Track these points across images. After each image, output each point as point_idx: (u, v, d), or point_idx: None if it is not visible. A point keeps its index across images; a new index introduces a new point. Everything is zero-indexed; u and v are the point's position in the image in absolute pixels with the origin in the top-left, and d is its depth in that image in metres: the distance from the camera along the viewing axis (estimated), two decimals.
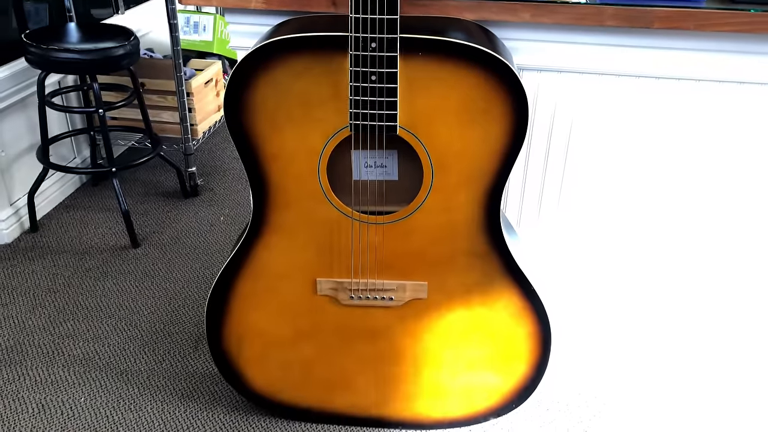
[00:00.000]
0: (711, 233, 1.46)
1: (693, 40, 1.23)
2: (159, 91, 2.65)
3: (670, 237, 1.48)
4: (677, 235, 1.47)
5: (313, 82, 1.18)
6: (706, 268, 1.50)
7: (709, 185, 1.40)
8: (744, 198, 1.40)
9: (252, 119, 1.21)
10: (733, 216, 1.43)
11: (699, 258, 1.49)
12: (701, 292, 1.53)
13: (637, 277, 1.54)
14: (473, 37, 1.18)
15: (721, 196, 1.41)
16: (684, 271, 1.51)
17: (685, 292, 1.54)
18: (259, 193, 1.29)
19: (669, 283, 1.53)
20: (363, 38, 1.11)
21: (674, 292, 1.54)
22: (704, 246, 1.47)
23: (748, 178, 1.38)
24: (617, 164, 1.41)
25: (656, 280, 1.54)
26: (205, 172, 2.83)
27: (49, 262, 2.21)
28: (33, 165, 2.40)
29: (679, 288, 1.54)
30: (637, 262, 1.52)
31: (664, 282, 1.53)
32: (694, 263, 1.50)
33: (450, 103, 1.17)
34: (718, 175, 1.39)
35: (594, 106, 1.35)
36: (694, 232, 1.46)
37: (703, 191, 1.41)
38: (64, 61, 2.07)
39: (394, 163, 1.35)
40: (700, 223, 1.45)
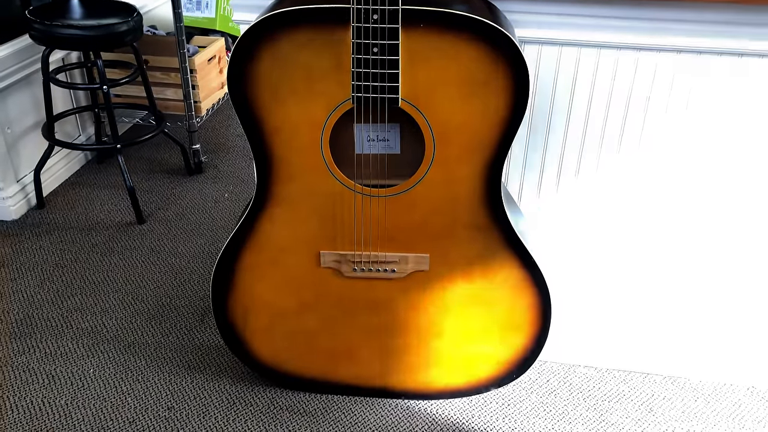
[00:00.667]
0: (710, 202, 1.47)
1: (693, 11, 1.22)
2: (162, 68, 2.65)
3: (671, 209, 1.49)
4: (678, 208, 1.48)
5: (315, 54, 1.18)
6: (707, 240, 1.51)
7: (708, 158, 1.41)
8: (744, 170, 1.41)
9: (255, 92, 1.22)
10: (734, 187, 1.44)
11: (700, 230, 1.50)
12: (702, 267, 1.55)
13: (639, 249, 1.55)
14: (475, 9, 1.18)
15: (719, 167, 1.42)
16: (687, 244, 1.52)
17: (687, 266, 1.55)
18: (262, 166, 1.31)
19: (671, 257, 1.55)
20: (365, 10, 1.12)
21: (676, 265, 1.56)
22: (703, 217, 1.48)
23: (748, 152, 1.39)
24: (618, 137, 1.41)
25: (659, 253, 1.55)
26: (209, 150, 2.84)
27: (56, 237, 2.24)
28: (38, 142, 2.42)
29: (681, 261, 1.55)
30: (640, 234, 1.53)
31: (667, 255, 1.55)
32: (695, 235, 1.51)
33: (451, 75, 1.18)
34: (717, 148, 1.39)
35: (595, 78, 1.36)
36: (694, 202, 1.47)
37: (702, 163, 1.42)
38: (67, 37, 2.07)
39: (396, 137, 1.36)
40: (699, 193, 1.46)
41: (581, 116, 1.40)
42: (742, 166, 1.41)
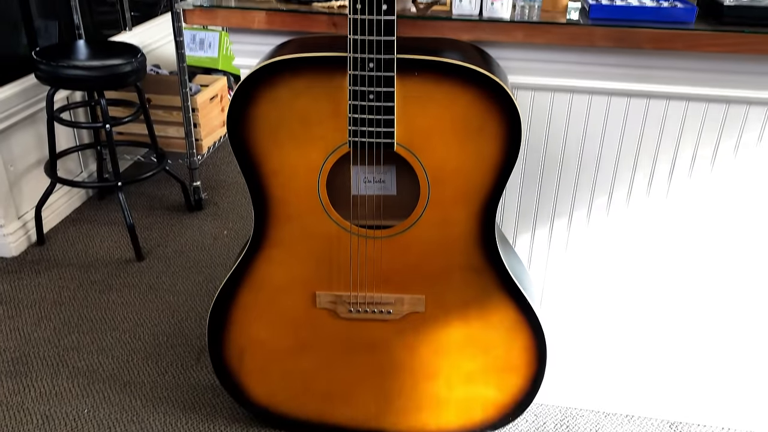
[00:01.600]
0: (705, 242, 1.48)
1: (683, 59, 1.26)
2: (165, 107, 2.70)
3: (668, 251, 1.50)
4: (676, 250, 1.49)
5: (313, 100, 1.21)
6: (704, 277, 1.52)
7: (702, 200, 1.43)
8: (739, 212, 1.43)
9: (254, 136, 1.25)
10: (729, 225, 1.45)
11: (698, 270, 1.51)
12: (700, 304, 1.55)
13: (637, 291, 1.56)
14: (468, 57, 1.21)
15: (715, 211, 1.43)
16: (682, 283, 1.53)
17: (684, 306, 1.56)
18: (260, 207, 1.33)
19: (666, 294, 1.55)
20: (361, 59, 1.15)
21: (672, 305, 1.56)
22: (701, 258, 1.49)
23: (742, 195, 1.40)
24: (610, 181, 1.43)
25: (653, 294, 1.56)
26: (209, 186, 2.87)
27: (55, 275, 2.25)
28: (41, 179, 2.44)
29: (677, 302, 1.55)
30: (632, 276, 1.54)
31: (661, 296, 1.55)
32: (694, 276, 1.52)
33: (446, 120, 1.20)
34: (712, 191, 1.41)
35: (587, 123, 1.38)
36: (688, 243, 1.48)
37: (697, 206, 1.43)
38: (72, 78, 2.12)
39: (392, 178, 1.38)
40: (695, 233, 1.47)
41: (574, 160, 1.43)
42: (739, 211, 1.42)
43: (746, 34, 1.16)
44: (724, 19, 1.20)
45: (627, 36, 1.21)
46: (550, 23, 1.24)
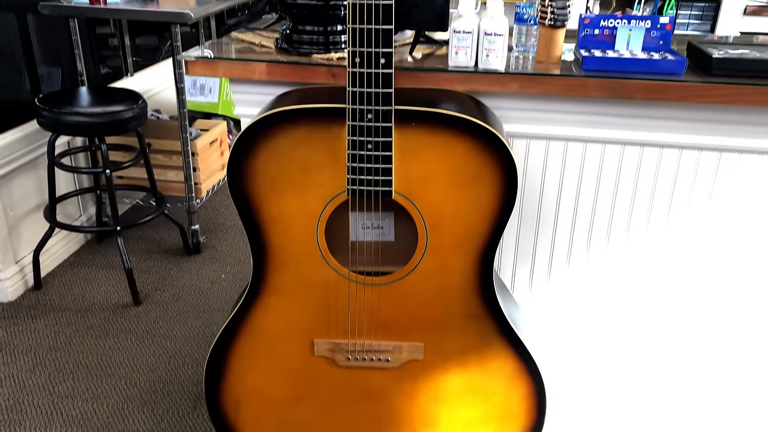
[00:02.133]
0: (702, 293, 1.48)
1: (675, 109, 1.28)
2: (165, 151, 2.72)
3: (662, 297, 1.50)
4: (669, 294, 1.50)
5: (312, 149, 1.23)
6: (702, 330, 1.52)
7: (698, 249, 1.44)
8: (731, 263, 1.44)
9: (254, 185, 1.26)
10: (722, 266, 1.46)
11: (693, 319, 1.51)
12: (697, 356, 1.55)
13: (630, 339, 1.56)
14: (464, 108, 1.23)
15: (710, 261, 1.44)
16: (680, 332, 1.53)
17: (680, 355, 1.55)
18: (258, 255, 1.33)
19: (664, 346, 1.55)
20: (360, 110, 1.17)
21: (669, 356, 1.56)
22: (697, 306, 1.50)
23: (735, 243, 1.42)
24: (607, 229, 1.45)
25: (650, 343, 1.55)
26: (207, 230, 2.88)
27: (51, 320, 2.24)
28: (40, 223, 2.45)
29: (674, 351, 1.55)
30: (630, 325, 1.54)
31: (659, 344, 1.55)
32: (688, 323, 1.52)
33: (443, 169, 1.22)
34: (707, 240, 1.42)
35: (582, 171, 1.40)
36: (685, 292, 1.49)
37: (692, 255, 1.44)
38: (74, 124, 2.15)
39: (390, 225, 1.39)
40: (690, 282, 1.48)
41: (570, 207, 1.44)
42: (730, 253, 1.43)
43: (735, 85, 1.19)
44: (713, 71, 1.23)
45: (620, 87, 1.24)
46: (544, 75, 1.27)
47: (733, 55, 1.24)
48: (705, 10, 3.41)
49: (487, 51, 1.30)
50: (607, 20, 1.36)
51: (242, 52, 1.44)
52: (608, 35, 1.36)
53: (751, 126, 1.28)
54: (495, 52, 1.29)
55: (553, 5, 1.28)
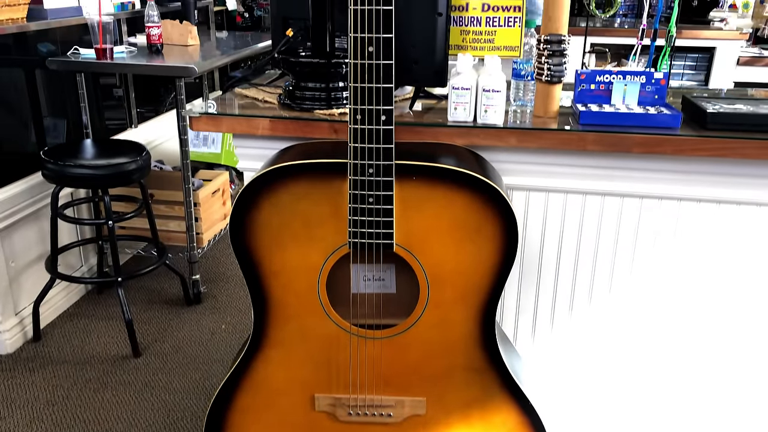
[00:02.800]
0: (704, 343, 1.47)
1: (671, 162, 1.30)
2: (167, 202, 2.74)
3: (665, 346, 1.49)
4: (672, 344, 1.49)
5: (314, 203, 1.24)
6: (703, 384, 1.50)
7: (698, 300, 1.43)
8: (733, 313, 1.43)
9: (256, 239, 1.27)
10: (724, 328, 1.45)
11: (694, 372, 1.50)
12: (698, 410, 1.53)
13: (634, 389, 1.54)
14: (464, 162, 1.25)
15: (712, 311, 1.44)
16: (681, 385, 1.51)
17: (683, 408, 1.53)
18: (260, 308, 1.33)
19: (668, 397, 1.53)
20: (361, 165, 1.19)
21: (672, 409, 1.54)
22: (702, 356, 1.49)
23: (737, 293, 1.42)
24: (607, 280, 1.45)
25: (654, 393, 1.53)
26: (208, 279, 2.87)
27: (49, 372, 2.21)
28: (41, 274, 2.45)
29: (677, 404, 1.53)
30: (634, 377, 1.52)
31: (662, 395, 1.53)
32: (689, 377, 1.50)
33: (443, 222, 1.23)
34: (706, 290, 1.42)
35: (582, 222, 1.41)
36: (687, 341, 1.48)
37: (694, 305, 1.44)
38: (78, 177, 2.17)
39: (391, 277, 1.39)
40: (692, 331, 1.47)
41: (571, 258, 1.45)
42: (733, 307, 1.43)
43: (729, 139, 1.21)
44: (708, 125, 1.25)
45: (617, 141, 1.26)
46: (542, 129, 1.29)
47: (727, 109, 1.27)
48: (699, 60, 3.48)
49: (486, 107, 1.32)
50: (602, 75, 1.39)
51: (245, 108, 1.47)
52: (604, 90, 1.39)
53: (748, 178, 1.29)
54: (493, 108, 1.32)
55: (550, 62, 1.32)
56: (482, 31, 1.44)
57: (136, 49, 2.68)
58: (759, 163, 1.26)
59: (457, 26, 1.45)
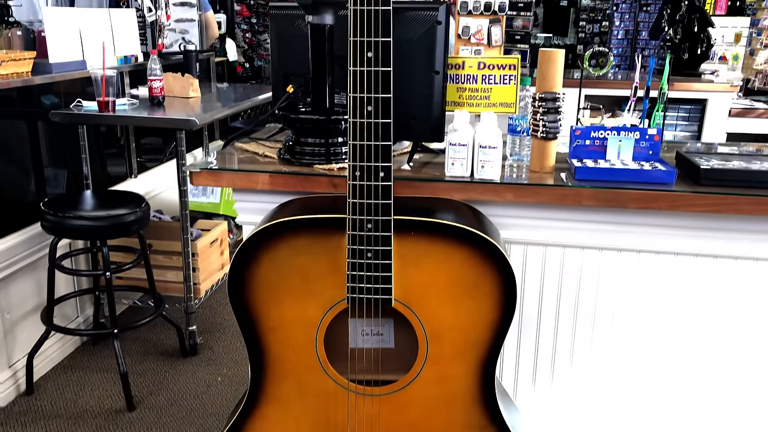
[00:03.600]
0: (704, 400, 1.46)
1: (667, 217, 1.31)
2: (165, 252, 2.74)
3: (666, 401, 1.47)
4: (674, 398, 1.47)
5: (312, 258, 1.25)
6: None
7: (698, 354, 1.43)
8: (732, 367, 1.42)
9: (255, 294, 1.27)
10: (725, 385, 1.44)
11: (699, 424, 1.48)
12: None
13: None
14: (461, 217, 1.26)
15: (710, 366, 1.43)
16: None
17: None
18: (257, 364, 1.32)
19: None
20: (360, 220, 1.20)
21: None
22: (700, 412, 1.47)
23: (733, 348, 1.41)
24: (607, 334, 1.44)
25: None
26: (205, 330, 2.85)
27: (41, 428, 2.17)
28: (36, 326, 2.43)
29: None
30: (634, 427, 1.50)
31: None
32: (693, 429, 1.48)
33: (442, 277, 1.23)
34: (707, 344, 1.42)
35: (580, 277, 1.41)
36: (687, 397, 1.46)
37: (693, 360, 1.43)
38: (77, 228, 2.17)
39: (390, 331, 1.38)
40: (693, 389, 1.45)
41: (570, 311, 1.44)
42: (732, 363, 1.42)
43: (723, 195, 1.23)
44: (702, 181, 1.27)
45: (612, 197, 1.27)
46: (539, 185, 1.31)
47: (720, 165, 1.29)
48: (691, 112, 3.54)
49: (483, 162, 1.34)
50: (597, 131, 1.41)
51: (246, 162, 1.49)
52: (599, 145, 1.42)
53: (744, 233, 1.30)
54: (490, 163, 1.34)
55: (545, 119, 1.34)
56: (478, 88, 1.47)
57: (138, 101, 2.73)
58: (754, 218, 1.27)
59: (454, 83, 1.48)
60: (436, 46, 1.39)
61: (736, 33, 4.39)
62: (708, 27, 3.76)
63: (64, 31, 2.64)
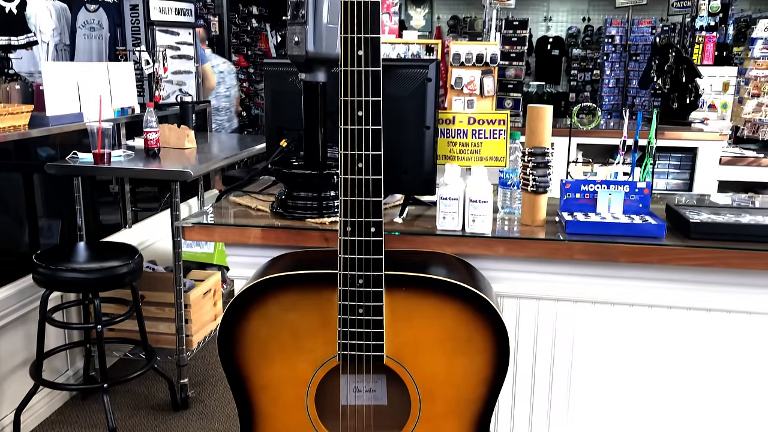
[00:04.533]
0: None
1: (659, 271, 1.31)
2: (158, 303, 2.72)
3: None
4: None
5: (303, 314, 1.24)
6: None
7: (692, 406, 1.41)
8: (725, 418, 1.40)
9: (244, 352, 1.25)
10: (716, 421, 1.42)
11: None
12: None
13: None
14: (453, 271, 1.26)
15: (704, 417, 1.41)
16: None
17: None
18: (247, 422, 1.29)
19: None
20: (351, 275, 1.19)
21: None
22: None
23: (729, 401, 1.39)
24: (602, 387, 1.42)
25: None
26: (197, 382, 2.80)
27: None
28: (24, 380, 2.38)
29: None
30: None
31: None
32: None
33: (433, 333, 1.22)
34: (701, 396, 1.40)
35: (574, 330, 1.40)
36: None
37: (687, 412, 1.41)
38: (70, 281, 2.16)
39: (382, 387, 1.36)
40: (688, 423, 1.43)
41: (565, 365, 1.43)
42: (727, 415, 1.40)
43: (713, 249, 1.23)
44: (692, 234, 1.27)
45: (603, 251, 1.27)
46: (530, 239, 1.31)
47: (710, 219, 1.30)
48: (683, 160, 3.59)
49: (474, 216, 1.35)
50: (587, 185, 1.43)
51: (238, 217, 1.49)
52: (589, 198, 1.43)
53: (736, 287, 1.30)
54: (481, 217, 1.34)
55: (535, 173, 1.36)
56: (469, 142, 1.49)
57: (134, 152, 2.75)
58: (745, 272, 1.27)
59: (445, 138, 1.50)
60: (426, 102, 1.41)
61: (724, 82, 4.47)
62: (696, 77, 3.84)
63: (62, 85, 2.68)
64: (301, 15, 1.32)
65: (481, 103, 3.66)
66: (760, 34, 3.77)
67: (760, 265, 1.24)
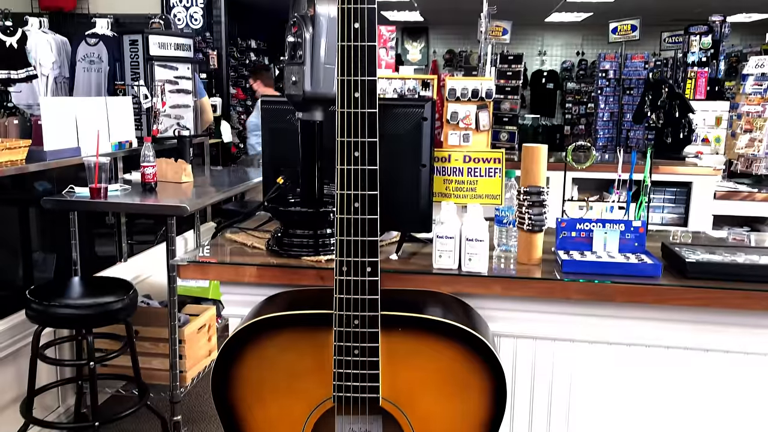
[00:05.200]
0: None
1: (655, 310, 1.31)
2: (152, 339, 2.69)
3: None
4: None
5: (298, 355, 1.23)
6: None
7: None
8: None
9: (238, 393, 1.24)
10: None
11: None
12: None
13: None
14: (449, 311, 1.25)
15: None
16: None
17: None
18: None
19: None
20: (347, 316, 1.18)
21: None
22: None
23: None
24: (601, 427, 1.40)
25: None
26: (190, 419, 2.76)
27: None
28: (14, 418, 2.34)
29: None
30: None
31: None
32: None
33: (430, 375, 1.21)
34: None
35: (572, 371, 1.39)
36: None
37: None
38: (63, 317, 2.14)
39: (379, 429, 1.34)
40: None
41: (563, 406, 1.41)
42: None
43: (710, 289, 1.23)
44: (688, 274, 1.27)
45: (599, 290, 1.27)
46: (526, 278, 1.31)
47: (706, 258, 1.30)
48: (678, 194, 3.61)
49: (470, 255, 1.35)
50: (582, 223, 1.43)
51: (234, 254, 1.48)
52: (585, 237, 1.43)
53: (733, 327, 1.29)
54: (477, 256, 1.34)
55: (530, 212, 1.36)
56: (464, 180, 1.50)
57: (131, 186, 2.75)
58: (743, 312, 1.27)
59: (440, 176, 1.51)
60: (422, 141, 1.42)
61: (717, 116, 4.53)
62: (689, 113, 3.88)
63: (60, 120, 2.69)
64: (299, 55, 1.34)
65: (477, 136, 3.70)
66: (751, 70, 3.83)
67: (757, 306, 1.23)
